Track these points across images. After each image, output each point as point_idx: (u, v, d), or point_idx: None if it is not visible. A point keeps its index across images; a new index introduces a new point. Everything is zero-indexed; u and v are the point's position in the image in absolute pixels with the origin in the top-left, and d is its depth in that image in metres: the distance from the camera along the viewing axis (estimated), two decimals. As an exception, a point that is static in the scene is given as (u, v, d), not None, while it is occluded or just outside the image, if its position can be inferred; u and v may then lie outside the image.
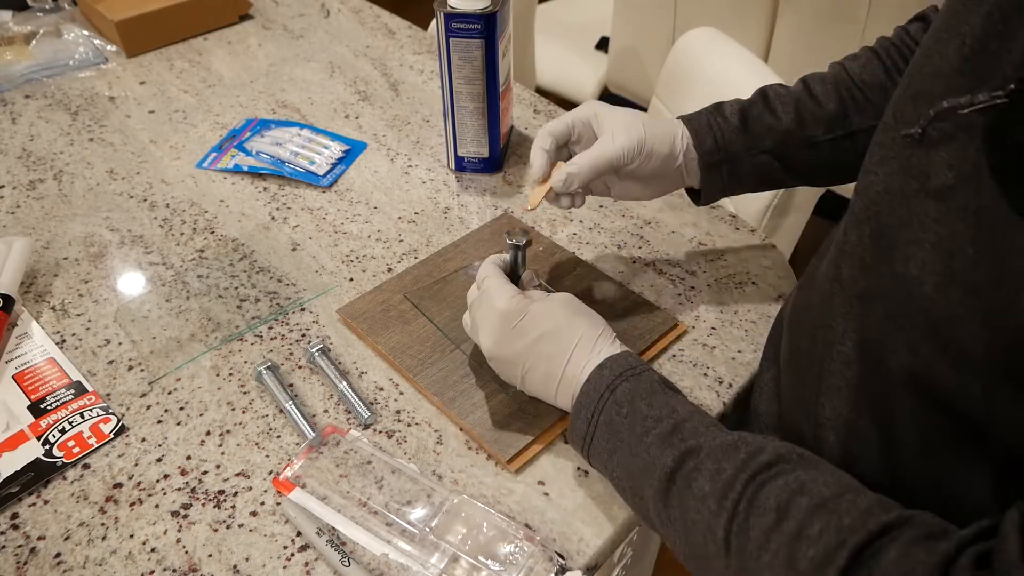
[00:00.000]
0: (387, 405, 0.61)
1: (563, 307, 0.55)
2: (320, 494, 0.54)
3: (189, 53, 1.09)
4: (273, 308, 0.69)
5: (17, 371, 0.63)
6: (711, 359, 0.65)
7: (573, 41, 1.83)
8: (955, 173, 0.36)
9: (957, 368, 0.37)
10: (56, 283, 0.72)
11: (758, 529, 0.39)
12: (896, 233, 0.40)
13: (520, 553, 0.50)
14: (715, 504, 0.42)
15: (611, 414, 0.49)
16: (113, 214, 0.80)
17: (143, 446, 0.58)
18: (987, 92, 0.35)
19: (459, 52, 0.76)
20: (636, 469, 0.47)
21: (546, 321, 0.53)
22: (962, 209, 0.35)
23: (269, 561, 0.51)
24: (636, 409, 0.49)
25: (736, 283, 0.72)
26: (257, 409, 0.61)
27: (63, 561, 0.51)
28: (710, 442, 0.45)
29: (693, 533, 0.43)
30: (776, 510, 0.39)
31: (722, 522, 0.41)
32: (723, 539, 0.41)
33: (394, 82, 1.02)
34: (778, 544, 0.38)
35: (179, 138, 0.92)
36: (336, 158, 0.87)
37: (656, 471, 0.46)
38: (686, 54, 1.00)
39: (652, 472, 0.46)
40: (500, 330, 0.54)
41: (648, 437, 0.47)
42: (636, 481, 0.48)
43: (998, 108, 0.34)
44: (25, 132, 0.93)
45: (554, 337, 0.53)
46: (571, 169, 0.60)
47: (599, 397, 0.50)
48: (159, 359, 0.64)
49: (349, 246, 0.76)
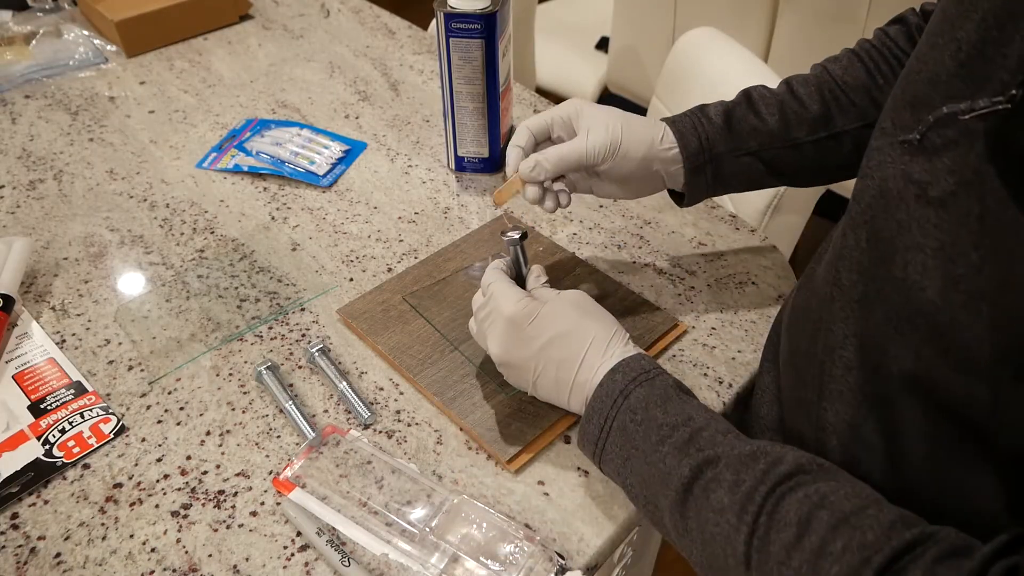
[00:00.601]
0: (387, 405, 0.61)
1: (573, 308, 0.54)
2: (320, 494, 0.54)
3: (189, 53, 1.10)
4: (273, 308, 0.69)
5: (17, 371, 0.63)
6: (711, 359, 0.65)
7: (573, 41, 1.83)
8: (956, 179, 0.36)
9: (961, 372, 0.37)
10: (56, 283, 0.72)
11: (779, 544, 0.39)
12: (894, 238, 0.40)
13: (520, 553, 0.50)
14: (734, 518, 0.41)
15: (624, 420, 0.49)
16: (113, 214, 0.80)
17: (143, 446, 0.58)
18: (987, 98, 0.35)
19: (459, 52, 0.76)
20: (651, 478, 0.47)
21: (556, 324, 0.53)
22: (964, 215, 0.35)
23: (269, 561, 0.51)
24: (651, 416, 0.48)
25: (736, 283, 0.72)
26: (257, 409, 0.61)
27: (63, 561, 0.51)
28: (728, 452, 0.44)
29: (712, 546, 0.42)
30: (797, 524, 0.39)
31: (742, 536, 0.40)
32: (743, 554, 0.40)
33: (394, 82, 1.02)
34: (800, 561, 0.38)
35: (179, 138, 0.92)
36: (336, 158, 0.87)
37: (673, 481, 0.45)
38: (686, 54, 1.00)
39: (668, 482, 0.45)
40: (509, 336, 0.53)
41: (664, 446, 0.46)
42: (651, 490, 0.47)
43: (1000, 114, 0.34)
44: (25, 132, 0.93)
45: (565, 341, 0.52)
46: (538, 157, 0.60)
47: (612, 403, 0.49)
48: (159, 359, 0.64)
49: (349, 246, 0.76)
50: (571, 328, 0.53)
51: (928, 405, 0.40)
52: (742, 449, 0.44)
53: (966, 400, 0.38)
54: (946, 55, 0.38)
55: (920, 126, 0.39)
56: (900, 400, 0.42)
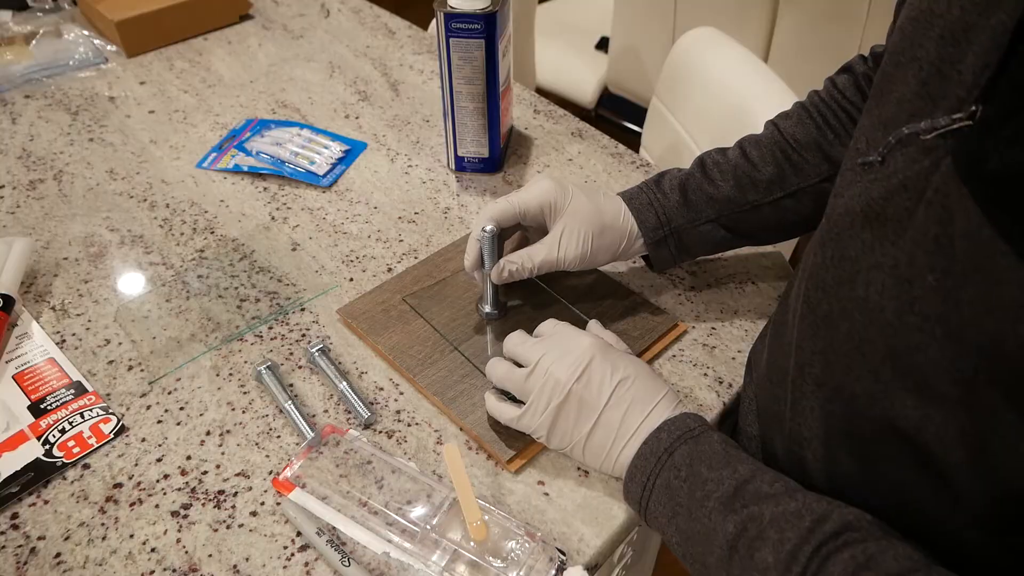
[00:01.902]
0: (387, 405, 0.61)
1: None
2: (320, 494, 0.54)
3: (189, 53, 1.09)
4: (273, 308, 0.69)
5: (17, 371, 0.63)
6: (711, 359, 0.65)
7: (573, 41, 1.83)
8: (916, 200, 0.36)
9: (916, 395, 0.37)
10: (56, 283, 0.72)
11: None
12: (858, 257, 0.40)
13: (521, 550, 0.50)
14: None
15: (668, 477, 0.48)
16: (113, 214, 0.80)
17: (143, 446, 0.58)
18: (946, 116, 0.34)
19: (459, 52, 0.76)
20: (696, 535, 0.46)
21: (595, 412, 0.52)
22: (922, 236, 0.35)
23: (269, 561, 0.51)
24: (696, 472, 0.47)
25: (736, 283, 0.72)
26: (257, 409, 0.61)
27: (63, 561, 0.51)
28: (772, 508, 0.43)
29: None
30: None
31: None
32: None
33: (394, 82, 1.02)
34: None
35: (179, 138, 0.92)
36: (336, 158, 0.87)
37: (717, 538, 0.44)
38: (686, 54, 1.00)
39: (713, 540, 0.44)
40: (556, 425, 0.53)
41: (709, 501, 0.45)
42: (696, 547, 0.46)
43: (963, 132, 0.33)
44: (25, 132, 0.93)
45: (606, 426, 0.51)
46: (511, 267, 0.61)
47: (656, 460, 0.49)
48: (159, 359, 0.64)
49: (349, 246, 0.76)
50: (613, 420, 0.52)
51: (884, 426, 0.39)
52: (787, 507, 0.43)
53: (921, 423, 0.37)
54: (909, 74, 0.38)
55: (881, 148, 0.39)
56: (863, 421, 0.41)
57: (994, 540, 0.38)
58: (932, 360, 0.35)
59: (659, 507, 0.48)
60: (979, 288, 0.32)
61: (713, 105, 0.92)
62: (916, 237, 0.36)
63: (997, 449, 0.34)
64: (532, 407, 0.52)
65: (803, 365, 0.46)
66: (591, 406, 0.51)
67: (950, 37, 0.36)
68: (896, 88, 0.40)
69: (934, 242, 0.34)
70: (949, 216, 0.33)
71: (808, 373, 0.45)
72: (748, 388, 0.60)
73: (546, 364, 0.52)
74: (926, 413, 0.37)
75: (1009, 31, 0.32)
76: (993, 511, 0.36)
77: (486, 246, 0.62)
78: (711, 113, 0.93)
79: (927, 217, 0.35)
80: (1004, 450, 0.34)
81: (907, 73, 0.39)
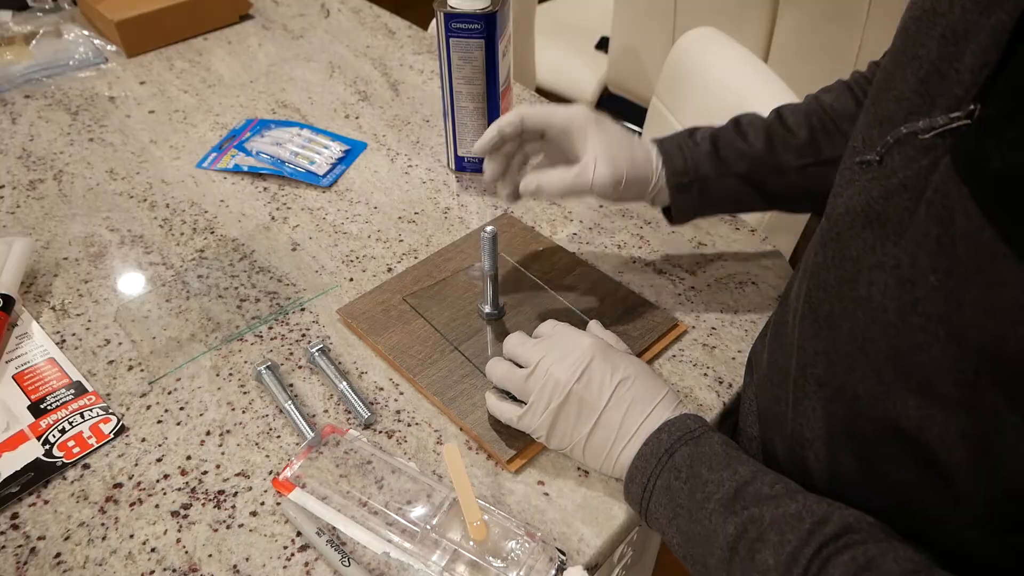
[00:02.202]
0: (387, 405, 0.61)
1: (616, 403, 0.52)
2: (320, 494, 0.54)
3: (189, 53, 1.09)
4: (273, 308, 0.69)
5: (17, 371, 0.63)
6: (711, 359, 0.65)
7: (573, 41, 1.83)
8: (916, 199, 0.36)
9: (919, 395, 0.37)
10: (56, 283, 0.72)
11: None
12: (859, 257, 0.40)
13: (521, 550, 0.50)
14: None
15: (669, 479, 0.48)
16: (113, 214, 0.80)
17: (143, 446, 0.58)
18: (944, 115, 0.34)
19: (459, 52, 0.76)
20: (697, 537, 0.46)
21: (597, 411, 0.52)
22: (923, 236, 0.35)
23: (269, 561, 0.51)
24: (696, 474, 0.47)
25: (736, 283, 0.72)
26: (257, 409, 0.61)
27: (63, 561, 0.51)
28: (773, 510, 0.43)
29: None
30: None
31: None
32: None
33: (394, 82, 1.02)
34: None
35: (179, 138, 0.92)
36: (336, 158, 0.87)
37: (717, 540, 0.44)
38: (686, 54, 1.00)
39: (713, 541, 0.44)
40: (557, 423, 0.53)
41: (710, 503, 0.45)
42: (696, 549, 0.46)
43: (961, 130, 0.33)
44: (25, 132, 0.93)
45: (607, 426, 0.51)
46: (540, 182, 0.59)
47: (656, 461, 0.49)
48: (159, 359, 0.64)
49: (349, 246, 0.76)
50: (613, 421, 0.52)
51: (886, 426, 0.39)
52: (787, 508, 0.42)
53: (923, 424, 0.37)
54: (909, 72, 0.38)
55: (879, 146, 0.38)
56: (865, 422, 0.41)
57: (995, 540, 0.38)
58: (935, 361, 0.35)
59: (660, 508, 0.48)
60: (980, 289, 0.32)
61: (713, 105, 0.92)
62: (917, 237, 0.36)
63: (999, 450, 0.34)
64: (532, 407, 0.52)
65: (805, 365, 0.46)
66: (591, 406, 0.51)
67: (951, 36, 0.35)
68: (895, 86, 0.40)
69: (936, 242, 0.34)
70: (950, 216, 0.33)
71: (810, 373, 0.45)
72: (748, 388, 0.60)
73: (546, 365, 0.52)
74: (928, 414, 0.37)
75: (1008, 30, 0.32)
76: (994, 511, 0.36)
77: (486, 246, 0.61)
78: (711, 113, 0.93)
79: (928, 217, 0.35)
80: (1006, 451, 0.34)
81: (907, 71, 0.39)
